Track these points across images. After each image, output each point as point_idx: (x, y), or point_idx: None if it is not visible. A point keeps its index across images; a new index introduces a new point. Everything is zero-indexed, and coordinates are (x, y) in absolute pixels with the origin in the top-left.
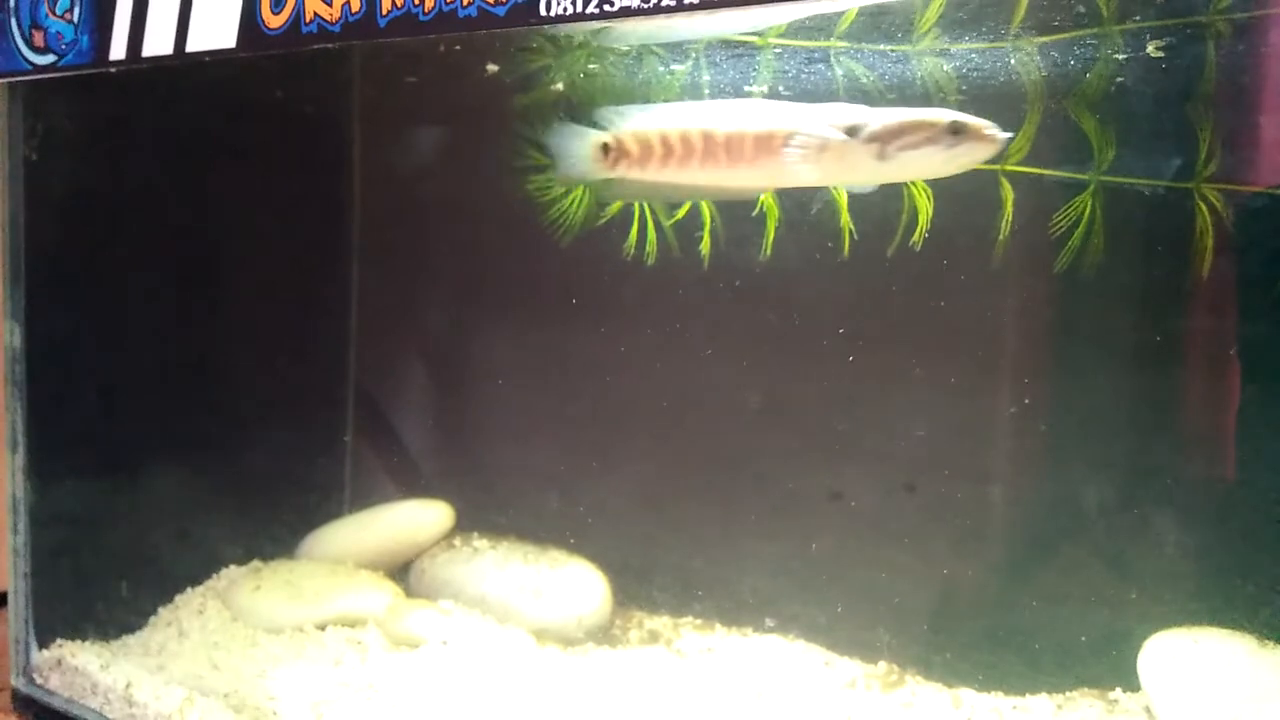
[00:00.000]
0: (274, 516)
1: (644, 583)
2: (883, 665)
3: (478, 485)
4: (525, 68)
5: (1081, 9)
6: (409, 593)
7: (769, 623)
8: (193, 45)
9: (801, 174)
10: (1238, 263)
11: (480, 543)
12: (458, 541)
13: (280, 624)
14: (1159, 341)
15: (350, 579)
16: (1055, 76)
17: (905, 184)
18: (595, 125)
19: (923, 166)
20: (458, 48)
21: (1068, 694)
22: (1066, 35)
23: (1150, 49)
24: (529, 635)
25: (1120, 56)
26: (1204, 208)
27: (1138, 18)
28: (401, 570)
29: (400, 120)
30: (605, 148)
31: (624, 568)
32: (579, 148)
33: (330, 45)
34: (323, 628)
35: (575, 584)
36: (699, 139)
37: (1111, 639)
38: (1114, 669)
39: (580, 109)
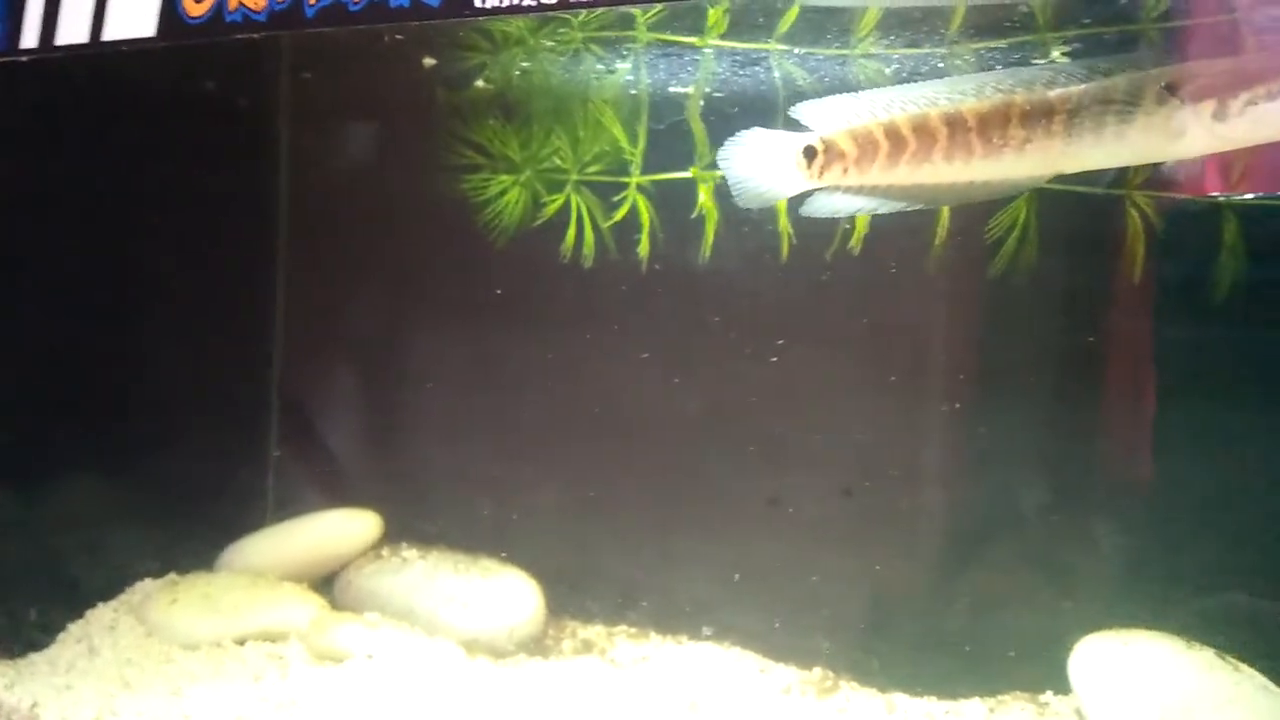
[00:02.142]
0: (191, 527)
1: (578, 591)
2: (818, 671)
3: (407, 493)
4: (462, 63)
5: (1014, 17)
6: (334, 605)
7: (706, 631)
8: (110, 34)
9: (1096, 153)
10: (1163, 270)
11: (409, 553)
12: (385, 552)
13: (197, 639)
14: (1088, 346)
15: (272, 591)
16: None
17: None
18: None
19: None
20: (398, 37)
21: (1000, 697)
22: (1004, 41)
23: (1056, 55)
24: (458, 647)
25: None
26: (1135, 214)
27: (1073, 25)
28: (326, 582)
29: (331, 115)
30: (810, 153)
31: (558, 576)
32: (774, 158)
33: (255, 36)
34: (242, 642)
35: (507, 594)
36: (940, 124)
37: (1043, 642)
38: (1046, 672)
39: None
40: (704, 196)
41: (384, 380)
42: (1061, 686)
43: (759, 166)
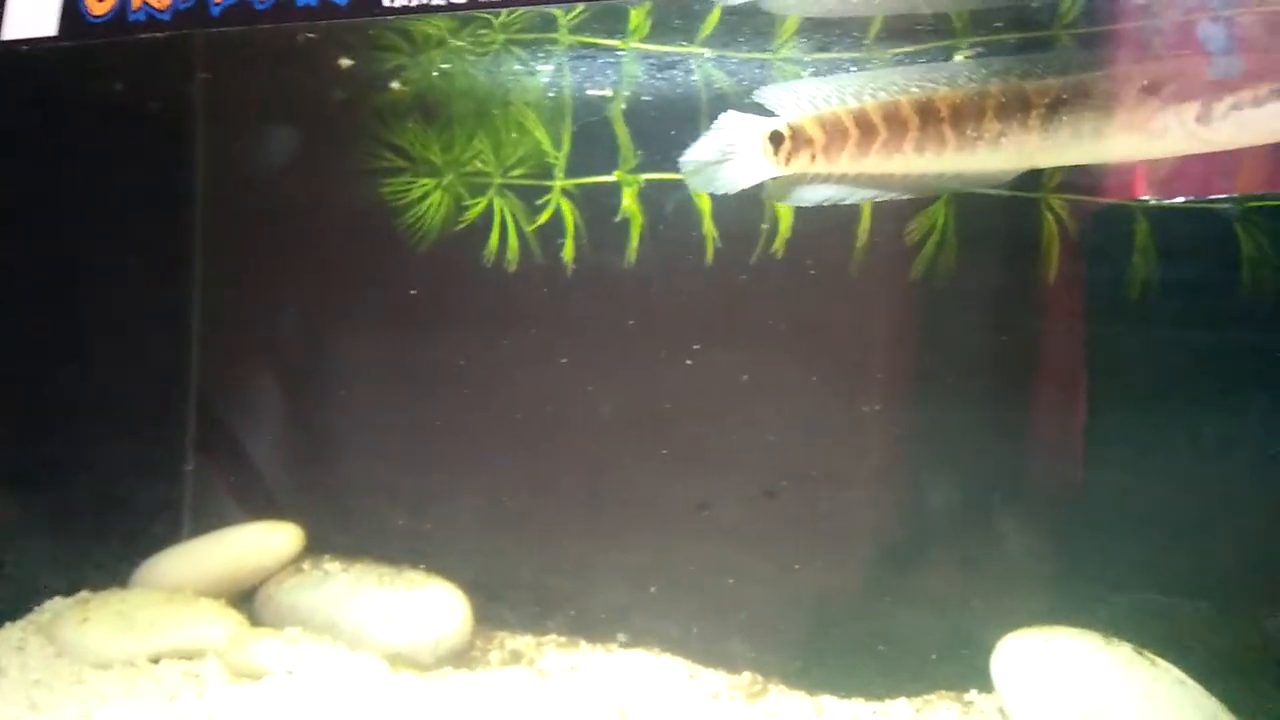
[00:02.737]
0: (104, 543)
1: (506, 602)
2: (747, 675)
3: (331, 504)
4: (380, 65)
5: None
6: (254, 621)
7: (620, 637)
8: (9, 33)
9: (1073, 150)
10: (1087, 273)
11: (331, 565)
12: (307, 565)
13: (109, 658)
14: (1011, 348)
15: (187, 608)
16: None
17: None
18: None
19: (1270, 128)
20: (311, 35)
21: (926, 697)
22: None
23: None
24: (382, 661)
25: None
26: (1050, 217)
27: (986, 29)
28: (246, 598)
29: (248, 118)
30: (777, 138)
31: (485, 587)
32: (739, 143)
33: (159, 35)
34: (156, 661)
35: (432, 606)
36: (912, 114)
37: (968, 641)
38: (970, 671)
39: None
40: (628, 200)
41: (305, 388)
42: (986, 685)
43: (723, 152)
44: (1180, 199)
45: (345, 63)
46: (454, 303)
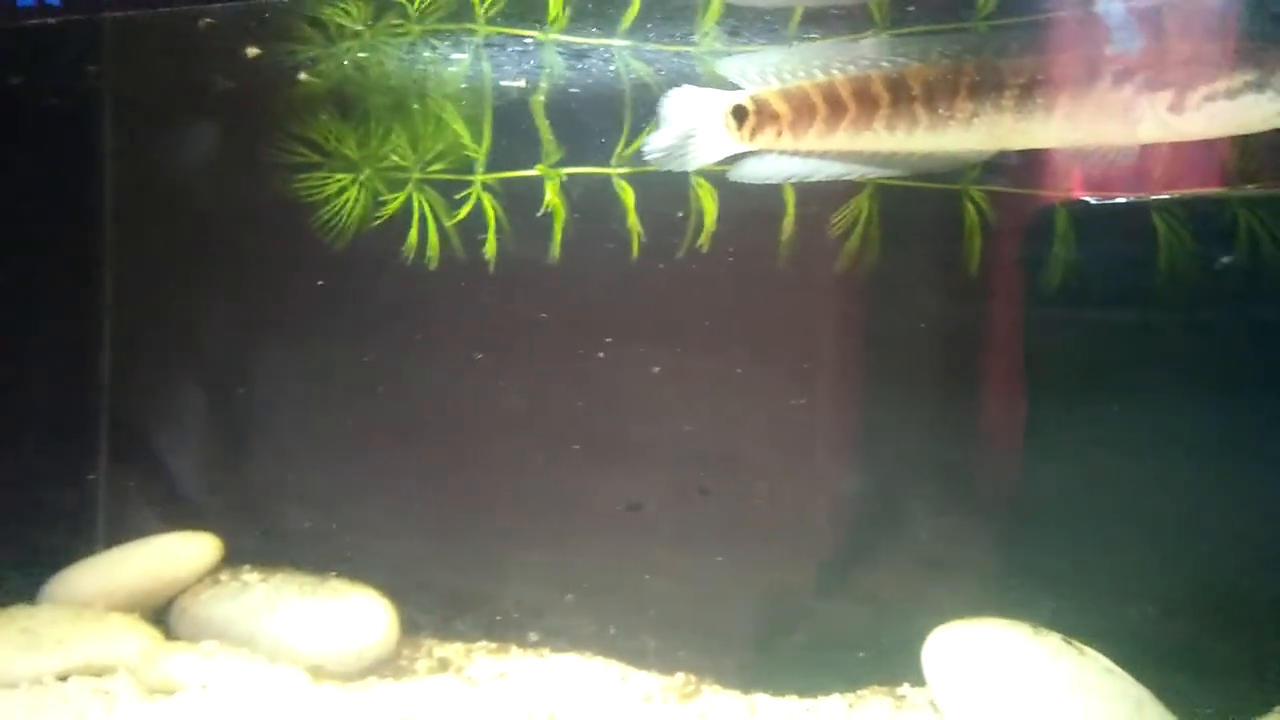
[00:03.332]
0: (10, 557)
1: (435, 608)
2: (680, 676)
3: (250, 513)
4: (293, 56)
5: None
6: (169, 635)
7: (553, 641)
8: None
9: (1046, 132)
10: (1024, 270)
11: (250, 576)
12: (225, 576)
13: (15, 677)
14: (938, 340)
15: (98, 623)
16: None
17: (691, 183)
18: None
19: (1242, 121)
20: (210, 22)
21: (859, 692)
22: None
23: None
24: (303, 673)
25: None
26: (972, 209)
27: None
28: (162, 611)
29: (151, 110)
30: (740, 113)
31: (413, 593)
32: (701, 118)
33: (49, 20)
34: (65, 678)
35: (356, 615)
36: (883, 91)
37: (901, 635)
38: (904, 664)
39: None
40: (550, 194)
41: (221, 392)
42: (919, 678)
43: (685, 127)
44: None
45: (252, 52)
46: (373, 300)
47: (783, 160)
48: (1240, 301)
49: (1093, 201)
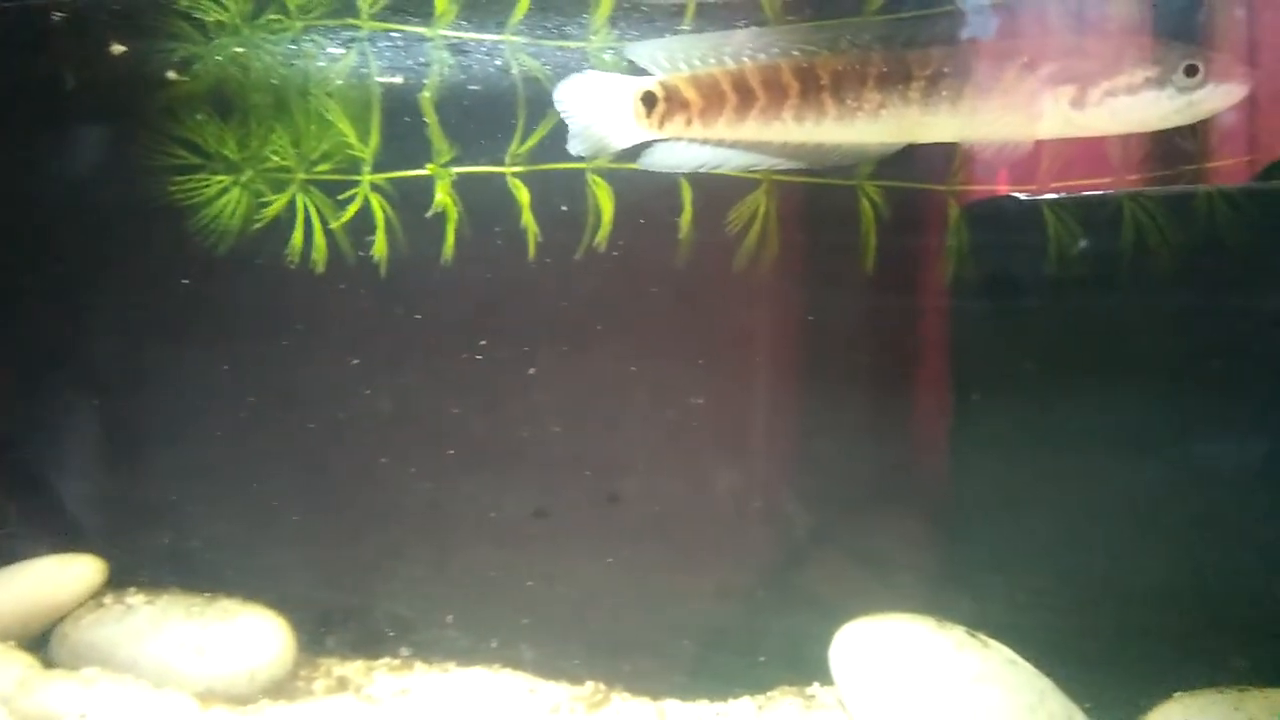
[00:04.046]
0: None
1: (334, 626)
2: (589, 685)
3: (135, 532)
4: (168, 54)
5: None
6: (48, 663)
7: (457, 655)
8: None
9: (951, 125)
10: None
11: (135, 599)
12: (109, 599)
13: None
14: (839, 337)
15: None
16: None
17: (588, 179)
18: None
19: (1142, 118)
20: (61, 14)
21: (769, 694)
22: None
23: None
24: (191, 699)
25: None
26: (867, 205)
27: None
28: (41, 638)
29: (18, 108)
30: (650, 99)
31: (310, 611)
32: (609, 104)
33: None
34: None
35: (248, 635)
36: (792, 80)
37: (811, 634)
38: (814, 664)
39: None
40: (441, 194)
41: (99, 404)
42: (829, 677)
43: (593, 113)
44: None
45: (117, 49)
46: (250, 306)
47: (693, 149)
48: (1129, 292)
49: (1022, 197)
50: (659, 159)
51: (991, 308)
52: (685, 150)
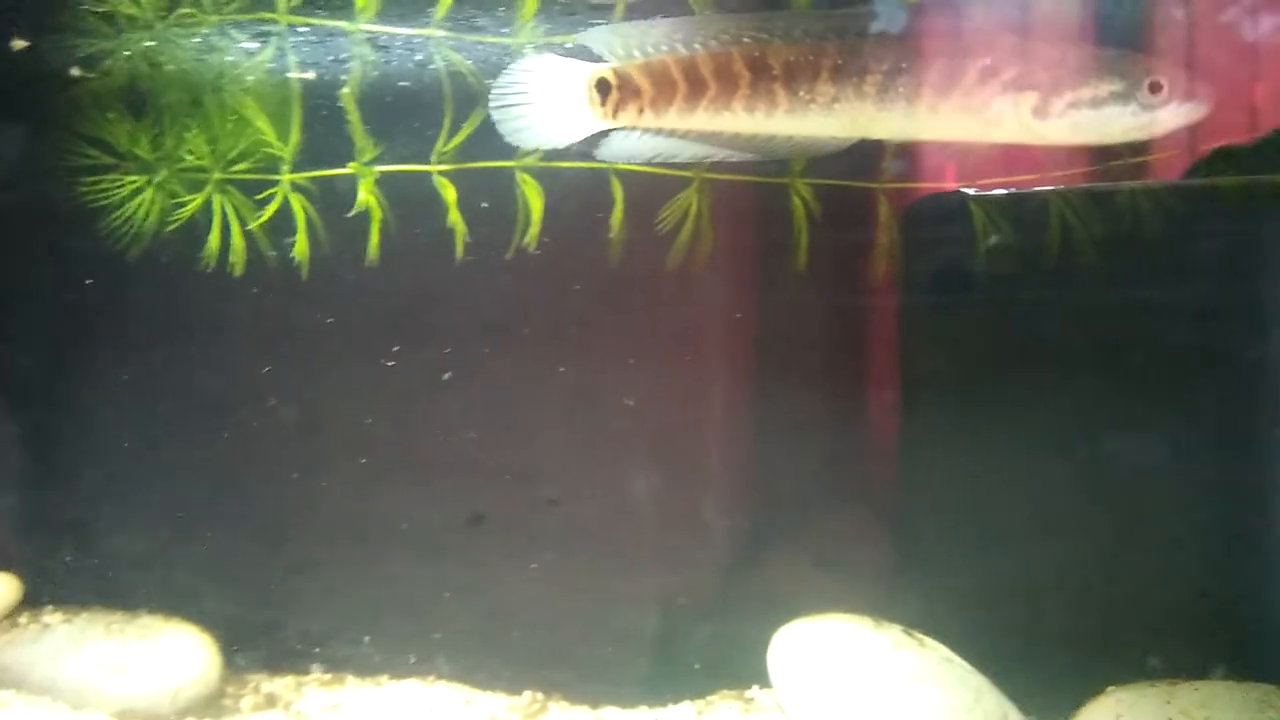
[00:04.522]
0: None
1: (263, 641)
2: (526, 695)
3: (52, 547)
4: (77, 50)
5: None
6: None
7: (391, 668)
8: None
9: (908, 124)
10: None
11: (52, 617)
12: (24, 619)
13: None
14: (772, 337)
15: None
16: None
17: (517, 179)
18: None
19: (1103, 132)
20: None
21: (708, 699)
22: None
23: None
24: (110, 719)
25: None
26: (799, 203)
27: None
28: None
29: None
30: (604, 87)
31: (238, 627)
32: (562, 92)
33: None
34: None
35: (170, 653)
36: (743, 70)
37: (752, 638)
38: (756, 667)
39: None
40: (364, 193)
41: (19, 417)
42: (768, 680)
43: (544, 101)
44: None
45: (19, 44)
46: (173, 311)
47: (647, 140)
48: (1058, 289)
49: (970, 192)
50: (615, 150)
51: (929, 305)
52: (640, 141)
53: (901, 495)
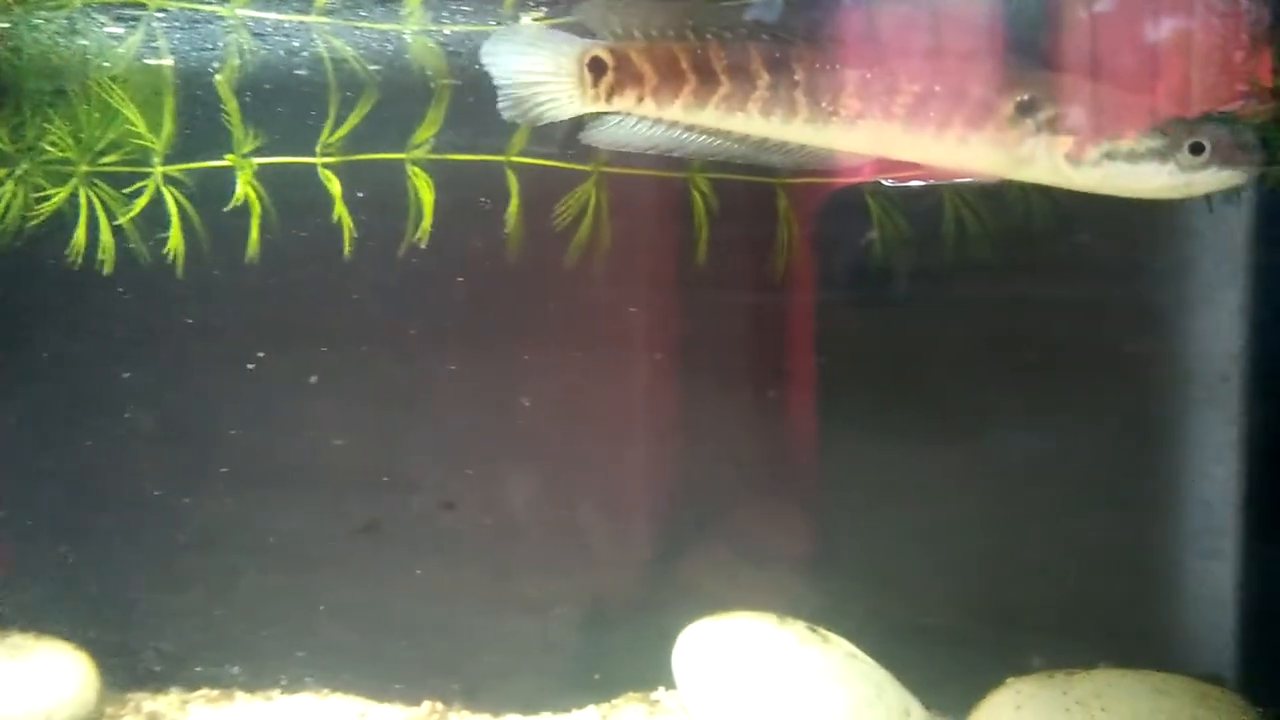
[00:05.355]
0: None
1: (145, 658)
2: (426, 705)
3: None
4: None
5: None
6: None
7: (282, 681)
8: None
9: (935, 150)
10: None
11: None
12: None
13: None
14: (665, 334)
15: None
16: None
17: (408, 171)
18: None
19: (1135, 187)
20: None
21: (613, 702)
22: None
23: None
24: None
25: None
26: (699, 198)
27: None
28: None
29: None
30: (598, 66)
31: (118, 644)
32: (552, 66)
33: None
34: None
35: (43, 673)
36: (762, 71)
37: (659, 639)
38: (662, 669)
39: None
40: (242, 186)
41: None
42: (673, 681)
43: (532, 74)
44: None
45: None
46: (41, 310)
47: (643, 127)
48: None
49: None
50: (605, 136)
51: (825, 299)
52: (636, 128)
53: (800, 493)
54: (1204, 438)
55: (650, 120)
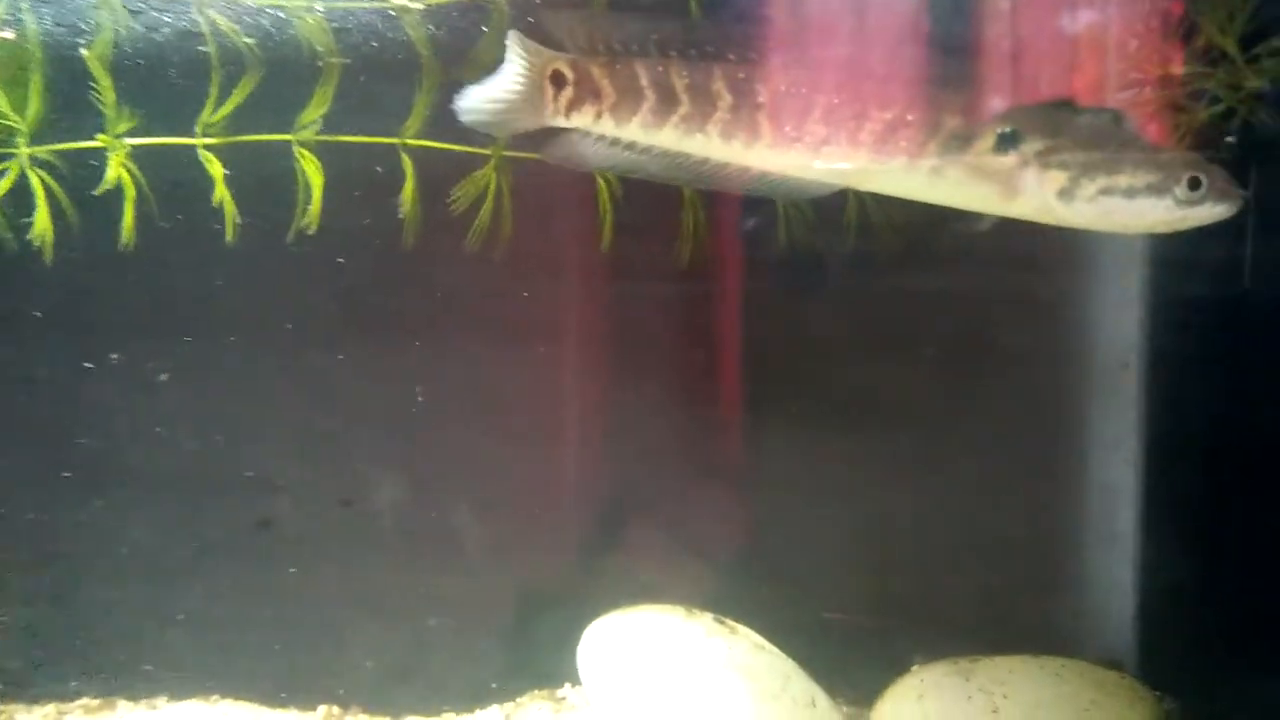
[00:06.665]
0: None
1: (15, 665)
2: (321, 710)
3: None
4: None
5: None
6: None
7: (169, 689)
8: None
9: (907, 182)
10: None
11: None
12: None
13: None
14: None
15: None
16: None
17: (298, 159)
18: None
19: (1130, 223)
20: None
21: (518, 700)
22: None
23: None
24: None
25: None
26: (604, 185)
27: None
28: None
29: None
30: (559, 80)
31: None
32: (514, 74)
33: None
34: None
35: None
36: (724, 92)
37: (564, 635)
38: (566, 665)
39: None
40: (114, 169)
41: None
42: (579, 677)
43: (497, 82)
44: None
45: None
46: None
47: (602, 147)
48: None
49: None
50: (562, 151)
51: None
52: (595, 146)
53: (707, 488)
54: (1104, 424)
55: (609, 139)
